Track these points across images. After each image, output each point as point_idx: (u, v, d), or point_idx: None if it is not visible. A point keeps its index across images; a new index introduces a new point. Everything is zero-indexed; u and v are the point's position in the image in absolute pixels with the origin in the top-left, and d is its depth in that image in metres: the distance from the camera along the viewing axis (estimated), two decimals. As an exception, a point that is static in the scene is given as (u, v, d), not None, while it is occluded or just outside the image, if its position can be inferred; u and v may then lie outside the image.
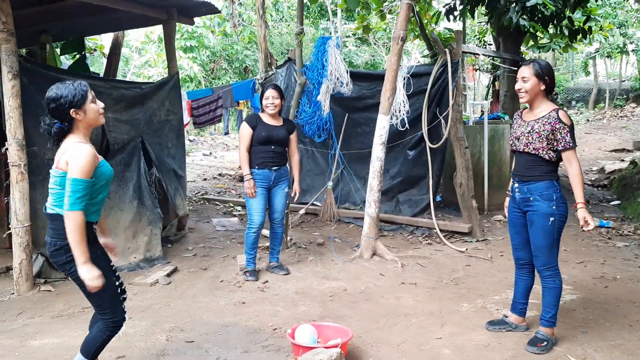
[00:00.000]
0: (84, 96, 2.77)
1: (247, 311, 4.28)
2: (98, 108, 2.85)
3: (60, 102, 2.72)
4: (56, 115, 2.75)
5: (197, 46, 19.86)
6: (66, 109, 2.73)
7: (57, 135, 2.78)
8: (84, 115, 2.78)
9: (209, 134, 21.02)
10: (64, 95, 2.72)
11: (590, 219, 3.36)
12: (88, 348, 2.93)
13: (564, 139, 3.35)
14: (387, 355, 3.50)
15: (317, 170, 7.90)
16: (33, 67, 4.92)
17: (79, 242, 2.66)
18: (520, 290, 3.80)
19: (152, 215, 5.76)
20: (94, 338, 2.93)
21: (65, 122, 2.76)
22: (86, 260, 2.67)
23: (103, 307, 2.89)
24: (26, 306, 4.45)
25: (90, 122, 2.83)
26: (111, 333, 2.93)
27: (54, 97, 2.73)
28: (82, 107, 2.76)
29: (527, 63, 3.44)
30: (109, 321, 2.90)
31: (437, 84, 6.64)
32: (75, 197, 2.67)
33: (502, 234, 6.59)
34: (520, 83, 3.44)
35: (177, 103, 6.50)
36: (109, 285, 2.83)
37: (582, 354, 3.47)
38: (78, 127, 2.80)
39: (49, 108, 2.75)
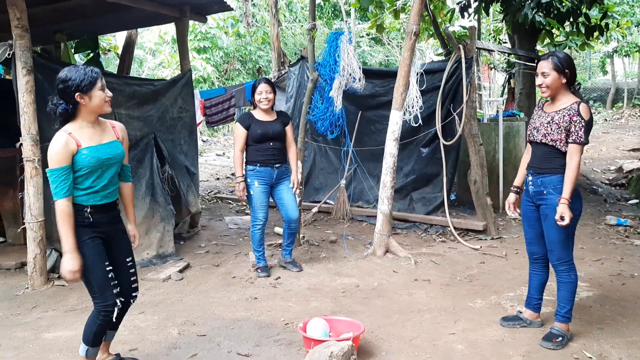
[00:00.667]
0: (92, 82, 2.80)
1: (259, 306, 4.27)
2: (104, 96, 2.87)
3: (67, 84, 2.77)
4: (62, 96, 2.79)
5: (210, 47, 19.93)
6: (72, 91, 2.77)
7: (62, 116, 2.82)
8: (88, 100, 2.81)
9: (222, 134, 21.09)
10: (72, 78, 2.77)
11: (568, 216, 3.25)
12: (86, 334, 2.95)
13: (577, 133, 3.29)
14: (399, 349, 3.46)
15: (330, 168, 7.87)
16: (47, 63, 4.97)
17: (62, 230, 2.74)
18: (534, 285, 3.74)
19: (164, 212, 5.77)
20: (90, 324, 2.95)
21: (69, 105, 2.80)
22: (69, 250, 2.74)
23: (92, 291, 2.91)
24: (40, 300, 4.48)
25: (94, 108, 2.85)
26: (104, 318, 2.91)
27: (63, 79, 2.78)
28: (88, 93, 2.79)
29: (545, 57, 3.37)
30: (100, 306, 2.91)
31: (451, 80, 6.58)
32: (53, 186, 2.74)
33: (517, 232, 6.51)
34: (541, 78, 3.37)
35: (189, 100, 6.52)
36: (95, 272, 2.85)
37: (598, 350, 3.41)
38: (82, 112, 2.84)
39: (57, 88, 2.80)
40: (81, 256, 2.80)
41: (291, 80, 8.22)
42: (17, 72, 4.50)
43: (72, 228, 2.75)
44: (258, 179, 4.89)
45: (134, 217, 3.29)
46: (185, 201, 6.22)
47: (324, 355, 2.84)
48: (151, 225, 5.62)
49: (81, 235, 2.82)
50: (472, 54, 6.29)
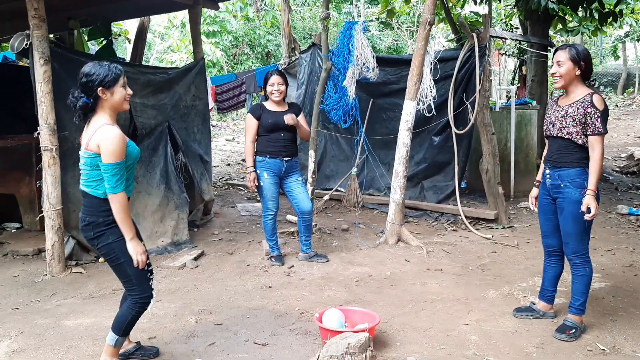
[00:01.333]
0: (115, 79, 2.87)
1: (274, 295, 4.33)
2: (125, 94, 2.94)
3: (91, 79, 2.83)
4: (84, 90, 2.85)
5: (219, 31, 19.85)
6: (95, 86, 2.83)
7: (82, 109, 2.88)
8: (110, 96, 2.87)
9: (231, 119, 21.09)
10: (97, 73, 2.83)
11: (594, 208, 3.27)
12: (119, 325, 3.02)
13: (594, 124, 3.30)
14: (414, 340, 3.51)
15: (342, 156, 7.89)
16: (63, 53, 4.99)
17: (124, 220, 2.85)
18: (548, 277, 3.77)
19: (178, 200, 5.83)
20: (124, 314, 3.03)
21: (90, 99, 2.85)
22: (133, 237, 2.88)
23: (131, 284, 2.98)
24: (59, 287, 4.56)
25: (115, 104, 2.91)
26: (140, 309, 3.02)
27: (87, 73, 2.85)
28: (110, 89, 2.86)
29: (563, 47, 3.37)
30: (137, 297, 2.99)
31: (464, 68, 6.56)
32: (114, 180, 2.81)
33: (529, 221, 6.53)
34: (555, 67, 3.37)
35: (202, 88, 6.54)
36: (134, 267, 2.93)
37: (611, 342, 3.44)
38: (103, 107, 2.90)
39: (80, 81, 2.86)
40: (123, 251, 2.90)
41: (302, 67, 8.21)
42: (35, 62, 4.53)
43: (130, 217, 2.90)
44: (267, 170, 4.91)
45: None
46: (199, 189, 6.27)
47: (341, 346, 2.89)
48: (166, 213, 5.68)
49: (116, 233, 2.90)
50: (486, 43, 6.26)
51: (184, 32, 19.50)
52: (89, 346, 3.45)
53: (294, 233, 5.97)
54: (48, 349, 3.41)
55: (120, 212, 2.84)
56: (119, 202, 2.83)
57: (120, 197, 2.83)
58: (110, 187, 2.81)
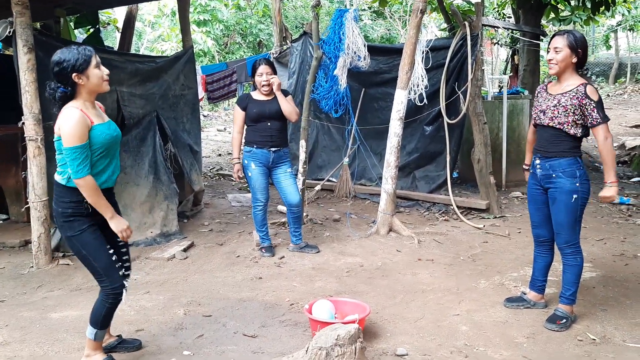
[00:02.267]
0: (87, 61, 2.77)
1: (264, 286, 4.29)
2: (102, 74, 2.85)
3: (63, 66, 2.74)
4: (60, 79, 2.77)
5: (210, 20, 19.67)
6: (68, 72, 2.74)
7: (62, 99, 2.80)
8: (86, 80, 2.78)
9: (222, 109, 20.95)
10: (66, 59, 2.74)
11: (614, 199, 3.31)
12: (95, 317, 2.97)
13: (591, 116, 3.27)
14: (404, 331, 3.49)
15: (333, 146, 7.84)
16: (48, 40, 4.90)
17: (98, 202, 2.79)
18: (539, 267, 3.76)
19: (168, 190, 5.77)
20: (98, 308, 2.97)
21: (68, 87, 2.77)
22: (112, 215, 2.84)
23: (99, 276, 2.93)
24: (45, 279, 4.50)
25: (93, 87, 2.83)
26: (113, 301, 2.95)
27: (57, 61, 2.75)
28: (84, 72, 2.77)
29: (561, 33, 3.33)
30: (108, 289, 2.93)
31: (456, 58, 6.50)
32: (75, 164, 2.72)
33: (520, 210, 6.52)
34: (552, 53, 3.33)
35: (192, 77, 6.46)
36: (99, 256, 2.88)
37: (601, 331, 3.44)
38: (81, 93, 2.82)
39: (53, 72, 2.78)
40: (83, 244, 2.84)
41: (294, 56, 8.12)
42: (18, 50, 4.44)
43: (103, 197, 2.81)
44: (254, 160, 4.85)
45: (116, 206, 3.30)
46: (189, 179, 6.21)
47: (330, 338, 2.85)
48: (155, 203, 5.62)
49: (80, 225, 2.85)
50: (478, 32, 6.20)
51: (175, 20, 19.32)
52: (76, 339, 3.40)
53: (284, 224, 5.92)
54: (33, 342, 3.36)
55: (91, 195, 2.76)
56: (86, 186, 2.74)
57: (87, 181, 2.74)
58: (73, 172, 2.73)
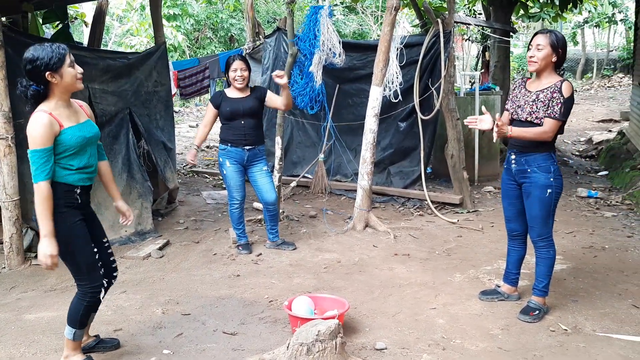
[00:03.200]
0: (60, 59, 2.73)
1: (242, 284, 4.30)
2: (76, 72, 2.81)
3: (36, 64, 2.68)
4: (32, 77, 2.72)
5: (180, 14, 19.44)
6: (42, 71, 2.69)
7: (34, 98, 2.75)
8: (60, 79, 2.74)
9: (194, 105, 20.74)
10: (40, 57, 2.69)
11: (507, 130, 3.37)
12: (73, 317, 2.94)
13: (553, 108, 3.35)
14: (382, 325, 3.53)
15: (308, 142, 7.85)
16: (17, 37, 4.79)
17: (42, 213, 2.68)
18: (512, 260, 3.84)
19: (142, 189, 5.71)
20: (76, 306, 2.94)
21: (41, 85, 2.73)
22: (47, 234, 2.69)
23: (80, 273, 2.89)
24: (18, 280, 4.42)
25: (66, 86, 2.79)
26: (90, 299, 2.92)
27: (30, 59, 2.70)
28: (58, 71, 2.72)
29: (544, 32, 3.40)
30: (87, 287, 2.91)
31: (429, 54, 6.57)
32: (34, 168, 2.68)
33: (493, 205, 6.64)
34: (534, 51, 3.40)
35: (165, 73, 6.39)
36: (85, 253, 2.86)
37: (572, 322, 3.54)
38: (54, 92, 2.77)
39: (25, 70, 2.72)
40: (73, 237, 2.79)
41: (267, 51, 8.10)
42: (-14, 46, 4.34)
43: (51, 211, 2.70)
44: (229, 159, 4.83)
45: (119, 194, 3.31)
46: (163, 177, 6.15)
47: (311, 334, 2.88)
48: (129, 202, 5.53)
49: (72, 217, 2.81)
50: (451, 28, 6.28)
51: (144, 15, 19.04)
52: (52, 340, 3.36)
53: (260, 221, 5.92)
54: (9, 344, 3.31)
55: (39, 204, 2.68)
56: (39, 190, 2.67)
57: (40, 187, 2.67)
58: (33, 176, 2.68)
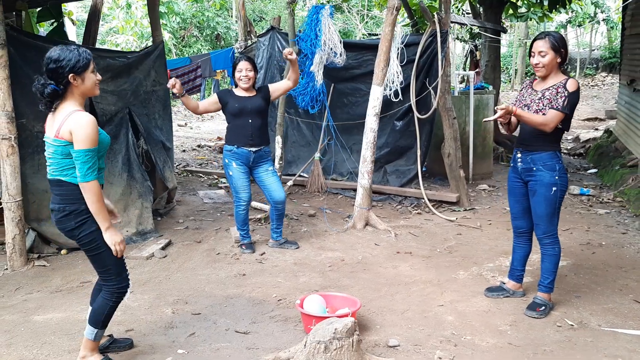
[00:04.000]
0: (86, 64, 2.78)
1: (249, 283, 4.31)
2: (96, 79, 2.86)
3: (61, 64, 2.71)
4: (54, 76, 2.74)
5: (166, 12, 19.30)
6: (66, 72, 2.72)
7: (50, 97, 2.76)
8: (81, 82, 2.78)
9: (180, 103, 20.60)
10: (67, 58, 2.72)
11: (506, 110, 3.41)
12: (97, 317, 2.95)
13: (557, 101, 3.42)
14: (393, 322, 3.58)
15: (303, 141, 7.87)
16: (19, 36, 4.74)
17: (100, 210, 2.77)
18: (518, 257, 3.91)
19: (142, 188, 5.68)
20: (101, 307, 2.96)
21: (60, 86, 2.75)
22: (109, 226, 2.81)
23: (109, 274, 2.93)
24: (22, 282, 4.38)
25: (85, 91, 2.83)
26: (117, 299, 2.97)
27: (56, 58, 2.72)
28: (81, 74, 2.76)
29: (542, 37, 3.47)
30: (114, 287, 2.94)
31: (426, 54, 6.64)
32: (86, 167, 2.72)
33: (488, 203, 6.74)
34: (538, 57, 3.46)
35: (163, 73, 6.37)
36: (114, 257, 2.89)
37: (578, 317, 3.62)
38: (73, 94, 2.79)
39: (47, 68, 2.74)
40: (102, 239, 2.83)
41: (260, 50, 8.09)
42: (-11, 46, 4.29)
43: (104, 207, 2.82)
44: (235, 160, 4.84)
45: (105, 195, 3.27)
46: (162, 176, 6.13)
47: (328, 332, 2.91)
48: (129, 202, 5.53)
49: (94, 222, 2.83)
50: (447, 28, 6.35)
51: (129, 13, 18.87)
52: (65, 341, 3.35)
53: (261, 220, 5.94)
54: (20, 346, 3.29)
55: (94, 202, 2.75)
56: (91, 190, 2.74)
57: (93, 186, 2.74)
58: (82, 175, 2.72)
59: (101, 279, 2.96)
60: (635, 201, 6.28)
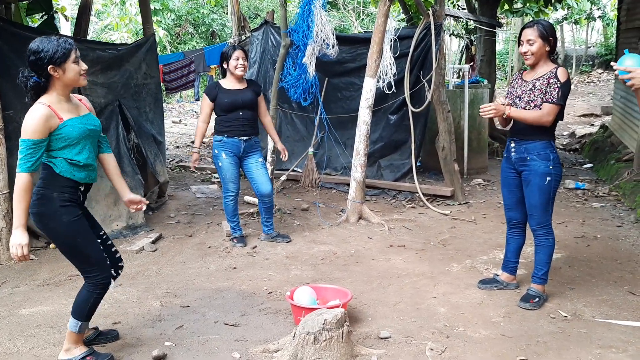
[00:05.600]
0: (65, 54, 2.70)
1: (239, 276, 4.26)
2: (79, 69, 2.79)
3: (39, 56, 2.66)
4: (34, 68, 2.69)
5: (161, 9, 19.21)
6: (45, 64, 2.66)
7: (33, 89, 2.72)
8: (62, 73, 2.71)
9: (175, 101, 20.51)
10: (45, 50, 2.66)
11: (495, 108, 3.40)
12: (80, 309, 2.89)
13: (550, 93, 3.38)
14: (385, 315, 3.53)
15: (297, 136, 7.81)
16: (7, 27, 4.67)
17: (18, 205, 2.66)
18: (511, 249, 3.87)
19: (132, 182, 5.61)
20: (85, 298, 2.89)
21: (42, 78, 2.70)
22: (19, 225, 2.67)
23: (89, 265, 2.86)
24: (9, 275, 4.32)
25: (68, 82, 2.76)
26: (101, 291, 2.91)
27: (34, 50, 2.67)
28: (61, 65, 2.70)
29: (530, 25, 3.42)
30: (97, 278, 2.87)
31: (420, 47, 6.58)
32: (20, 157, 2.65)
33: (483, 197, 6.70)
34: (526, 46, 3.41)
35: (154, 66, 6.30)
36: (93, 245, 2.86)
37: (572, 309, 3.58)
38: (55, 85, 2.74)
39: (28, 60, 2.69)
40: (79, 231, 2.78)
41: (254, 45, 8.02)
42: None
43: (27, 204, 2.68)
44: (225, 150, 4.78)
45: (127, 187, 3.25)
46: (153, 170, 6.06)
47: (317, 323, 2.86)
48: (119, 195, 5.45)
49: (73, 212, 2.79)
50: (442, 21, 6.30)
51: (124, 9, 18.77)
52: (50, 334, 3.28)
53: (253, 214, 5.88)
54: (4, 339, 3.23)
55: (16, 195, 2.65)
56: (18, 182, 2.65)
57: (22, 178, 2.64)
58: (18, 164, 2.65)
59: (82, 272, 2.89)
60: (630, 195, 6.24)
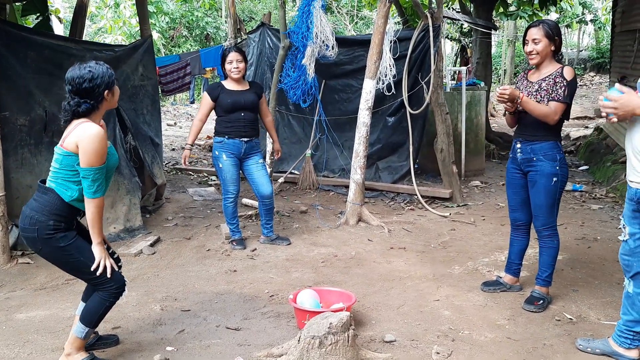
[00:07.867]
0: (114, 78, 2.76)
1: (240, 279, 4.21)
2: (118, 91, 2.85)
3: (97, 83, 2.67)
4: (89, 95, 2.67)
5: (155, 12, 19.13)
6: (102, 90, 2.69)
7: (85, 114, 2.70)
8: (111, 97, 2.77)
9: (170, 104, 20.42)
10: (100, 76, 2.68)
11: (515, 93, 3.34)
12: (90, 316, 2.84)
13: (557, 92, 3.36)
14: (388, 318, 3.49)
15: (294, 138, 7.76)
16: (4, 27, 4.60)
17: (98, 224, 2.73)
18: (515, 251, 3.84)
19: (130, 184, 5.55)
20: (97, 306, 2.85)
21: (96, 103, 2.71)
22: (100, 242, 2.76)
23: (102, 278, 2.81)
24: (5, 279, 4.24)
25: (113, 104, 2.83)
26: (115, 299, 2.89)
27: (90, 77, 2.66)
28: (112, 89, 2.75)
29: (535, 24, 3.40)
30: (113, 288, 2.84)
31: (418, 49, 6.56)
32: (96, 185, 2.67)
33: (481, 199, 6.68)
34: (532, 45, 3.39)
35: (151, 68, 6.23)
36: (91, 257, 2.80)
37: (576, 311, 3.56)
38: (100, 109, 2.76)
39: (81, 87, 2.66)
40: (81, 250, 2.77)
41: (251, 47, 7.99)
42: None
43: (101, 221, 2.78)
44: (226, 151, 4.74)
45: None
46: (151, 173, 6.00)
47: (323, 326, 2.81)
48: (117, 198, 5.40)
49: (68, 237, 2.74)
50: (440, 23, 6.28)
51: (118, 12, 18.68)
52: (48, 339, 3.22)
53: (252, 217, 5.83)
54: (2, 344, 3.16)
55: (95, 216, 2.70)
56: (96, 206, 2.69)
57: (99, 202, 2.70)
58: (90, 192, 2.66)
59: (98, 286, 2.83)
60: (628, 196, 6.24)
